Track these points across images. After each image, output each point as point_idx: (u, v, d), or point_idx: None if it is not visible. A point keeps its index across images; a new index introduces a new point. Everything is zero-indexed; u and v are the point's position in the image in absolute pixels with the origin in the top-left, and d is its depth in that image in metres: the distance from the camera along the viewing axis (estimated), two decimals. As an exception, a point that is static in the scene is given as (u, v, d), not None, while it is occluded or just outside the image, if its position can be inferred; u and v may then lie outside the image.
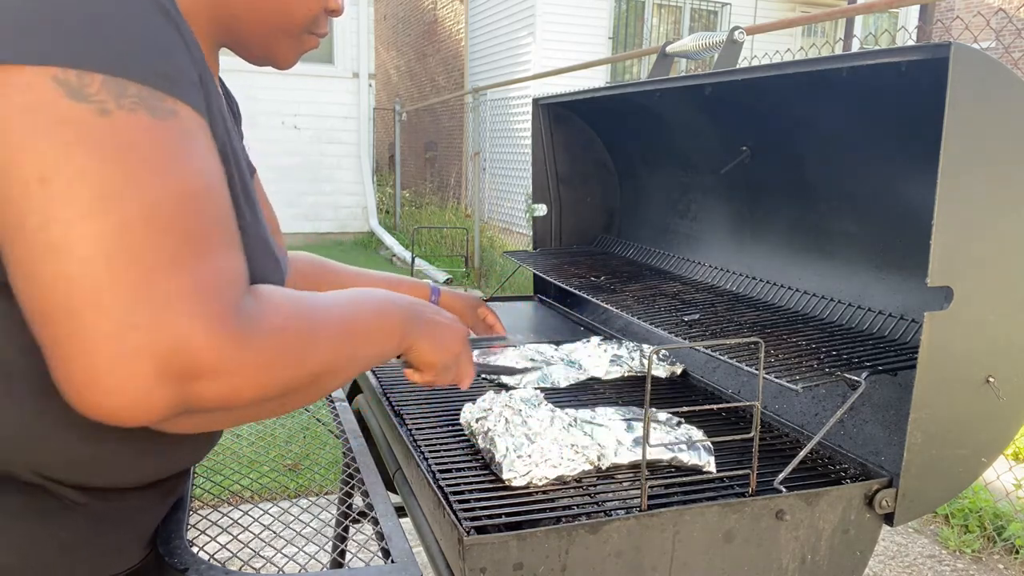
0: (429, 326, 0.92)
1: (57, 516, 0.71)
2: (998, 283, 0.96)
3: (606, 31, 9.65)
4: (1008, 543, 2.75)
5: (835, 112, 1.34)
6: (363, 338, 0.77)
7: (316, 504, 1.32)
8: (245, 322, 0.59)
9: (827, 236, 1.47)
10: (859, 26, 10.24)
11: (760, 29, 3.33)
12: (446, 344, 0.96)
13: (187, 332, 0.55)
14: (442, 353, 0.95)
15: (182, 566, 0.81)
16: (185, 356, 0.55)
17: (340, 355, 0.72)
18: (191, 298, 0.56)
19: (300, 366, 0.66)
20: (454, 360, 0.99)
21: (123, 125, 0.56)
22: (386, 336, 0.83)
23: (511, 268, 5.77)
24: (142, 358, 0.54)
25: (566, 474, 1.03)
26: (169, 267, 0.56)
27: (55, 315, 0.55)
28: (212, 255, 0.59)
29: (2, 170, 0.54)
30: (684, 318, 1.42)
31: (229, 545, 0.96)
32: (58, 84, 0.54)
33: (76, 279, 0.54)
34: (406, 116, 11.36)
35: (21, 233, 0.54)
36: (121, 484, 0.76)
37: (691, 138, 1.81)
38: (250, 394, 0.61)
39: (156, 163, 0.57)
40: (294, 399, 0.71)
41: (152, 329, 0.54)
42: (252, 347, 0.60)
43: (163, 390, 0.56)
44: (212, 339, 0.56)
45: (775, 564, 1.00)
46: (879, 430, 1.19)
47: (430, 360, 0.93)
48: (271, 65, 0.88)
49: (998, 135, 0.90)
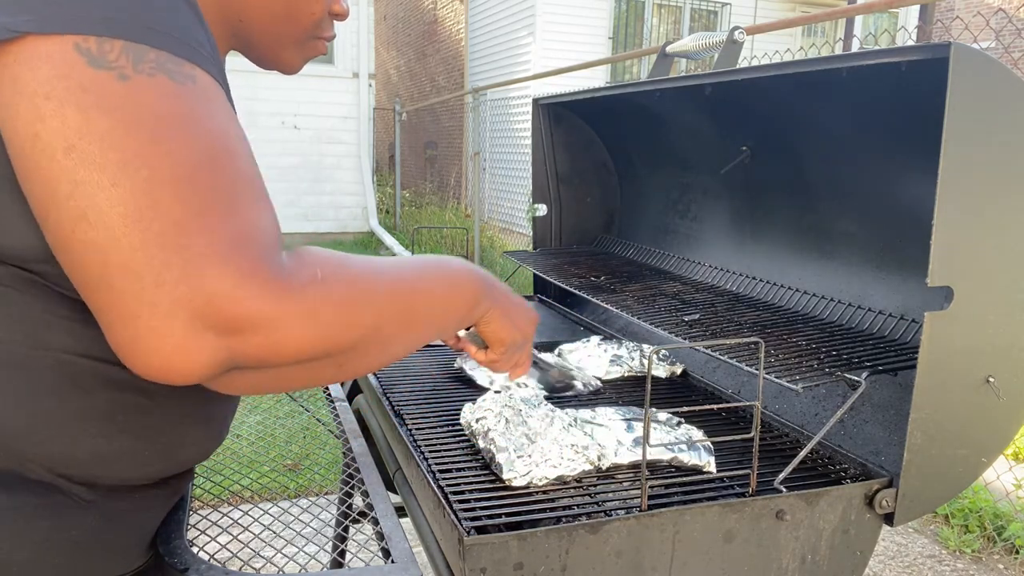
0: (504, 300, 0.89)
1: (70, 514, 0.71)
2: (998, 283, 0.96)
3: (606, 31, 9.65)
4: (1008, 543, 2.75)
5: (835, 112, 1.34)
6: (427, 296, 0.74)
7: (316, 504, 1.32)
8: (281, 273, 0.59)
9: (827, 236, 1.47)
10: (859, 26, 10.24)
11: (760, 29, 3.33)
12: (519, 323, 0.92)
13: (219, 285, 0.55)
14: (514, 331, 0.91)
15: (182, 566, 0.81)
16: (220, 309, 0.55)
17: (399, 311, 0.69)
18: (221, 252, 0.56)
19: (349, 319, 0.64)
20: (524, 341, 0.95)
21: (143, 89, 0.57)
22: (457, 298, 0.80)
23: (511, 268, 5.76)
24: (178, 314, 0.54)
25: (566, 474, 1.03)
26: (197, 224, 0.55)
27: (94, 283, 0.56)
28: (240, 210, 0.59)
29: (31, 141, 0.55)
30: (684, 318, 1.42)
31: (229, 545, 0.96)
32: (79, 52, 0.55)
33: (106, 245, 0.54)
34: (406, 116, 11.36)
35: (53, 203, 0.55)
36: (129, 481, 0.76)
37: (691, 138, 1.81)
38: (294, 348, 0.60)
39: (177, 125, 0.57)
40: (353, 360, 0.68)
41: (184, 285, 0.54)
42: (291, 298, 0.58)
43: (203, 345, 0.56)
44: (245, 290, 0.56)
45: (775, 564, 1.00)
46: (879, 430, 1.19)
47: (502, 336, 0.90)
48: (278, 70, 0.88)
49: (998, 135, 0.90)
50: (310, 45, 0.87)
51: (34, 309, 0.64)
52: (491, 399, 1.17)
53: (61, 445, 0.68)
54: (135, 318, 0.55)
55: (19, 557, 0.68)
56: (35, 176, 0.55)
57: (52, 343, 0.65)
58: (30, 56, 0.55)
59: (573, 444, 1.06)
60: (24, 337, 0.64)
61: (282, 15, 0.82)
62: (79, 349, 0.66)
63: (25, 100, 0.55)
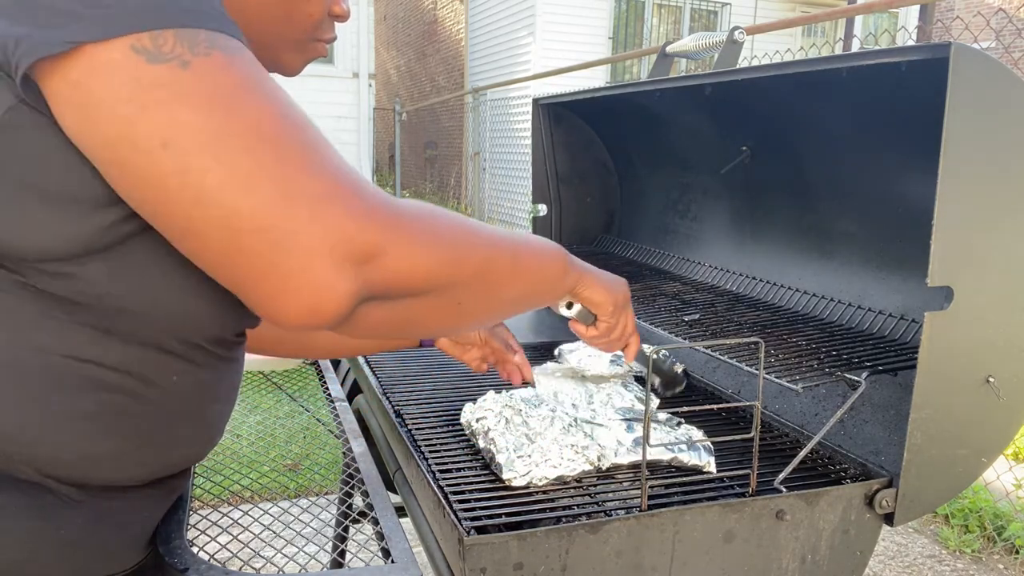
0: (586, 266, 0.92)
1: (58, 514, 0.71)
2: (998, 283, 0.96)
3: (606, 31, 9.65)
4: (1008, 543, 2.75)
5: (835, 112, 1.34)
6: (524, 250, 0.78)
7: (316, 504, 1.32)
8: (393, 203, 0.63)
9: (827, 236, 1.47)
10: (859, 26, 10.25)
11: (760, 29, 3.33)
12: (614, 284, 0.94)
13: (346, 218, 0.58)
14: (614, 291, 0.93)
15: (182, 566, 0.81)
16: (353, 239, 0.59)
17: (504, 254, 0.74)
18: (336, 189, 0.59)
19: (461, 250, 0.68)
20: (625, 303, 0.97)
21: (205, 69, 0.58)
22: (549, 260, 0.83)
23: (511, 268, 5.73)
24: (316, 256, 0.58)
25: (566, 474, 1.03)
26: (304, 171, 0.59)
27: (225, 260, 0.59)
28: (330, 155, 0.62)
29: (125, 147, 0.57)
30: (684, 318, 1.42)
31: (229, 545, 0.96)
32: (137, 52, 0.57)
33: (229, 218, 0.57)
34: (406, 116, 11.36)
35: (166, 199, 0.57)
36: (120, 482, 0.76)
37: (691, 138, 1.81)
38: (422, 270, 0.64)
39: (245, 91, 0.60)
40: (469, 299, 0.72)
41: (314, 227, 0.57)
42: (408, 224, 0.63)
43: (345, 278, 0.59)
44: (370, 219, 0.60)
45: (775, 564, 1.00)
46: (879, 430, 1.19)
47: (601, 297, 0.92)
48: (278, 71, 0.88)
49: (998, 135, 0.90)
50: (310, 47, 0.87)
51: (22, 310, 0.64)
52: (491, 399, 1.17)
53: (48, 446, 0.68)
54: (276, 269, 0.58)
55: (8, 557, 0.68)
56: (137, 180, 0.58)
57: (40, 344, 0.65)
58: (93, 66, 0.56)
59: (573, 444, 1.06)
60: (11, 338, 0.64)
61: (281, 17, 0.81)
62: (67, 350, 0.66)
63: (104, 110, 0.56)
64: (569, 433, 1.09)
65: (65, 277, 0.64)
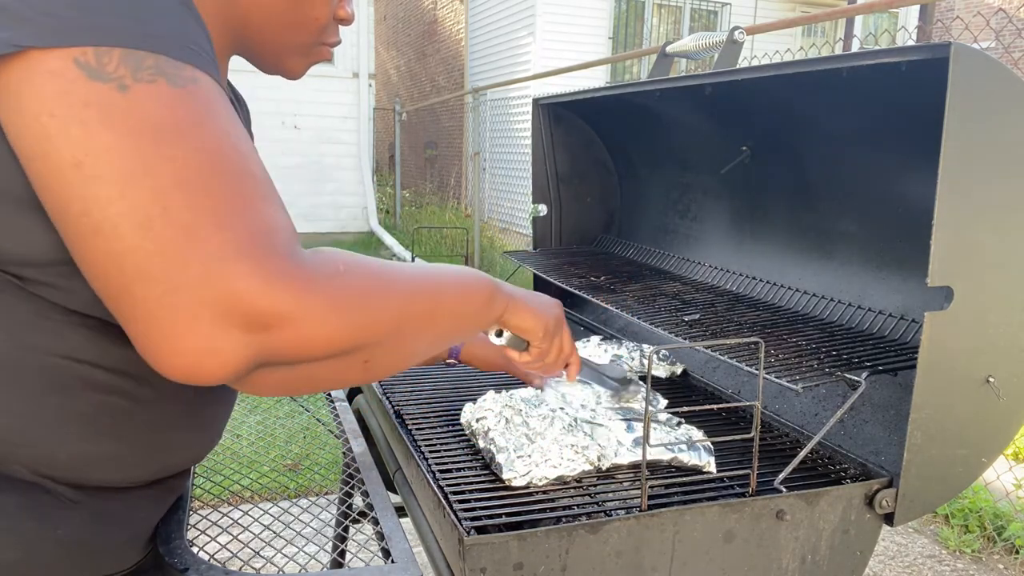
0: (515, 291, 0.89)
1: (55, 514, 0.71)
2: (998, 283, 0.96)
3: (606, 31, 9.64)
4: (1008, 543, 2.75)
5: (835, 112, 1.34)
6: (444, 291, 0.74)
7: (316, 504, 1.32)
8: (302, 266, 0.59)
9: (827, 236, 1.47)
10: (859, 26, 10.24)
11: (760, 29, 3.33)
12: (544, 307, 0.91)
13: (242, 281, 0.55)
14: (544, 316, 0.91)
15: (182, 566, 0.81)
16: (245, 305, 0.55)
17: (421, 305, 0.70)
18: (240, 249, 0.56)
19: (374, 311, 0.64)
20: (557, 326, 0.95)
21: (143, 97, 0.57)
22: (473, 293, 0.80)
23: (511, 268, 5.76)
24: (202, 315, 0.54)
25: (566, 474, 1.03)
26: (211, 224, 0.55)
27: (116, 293, 0.56)
28: (252, 208, 0.59)
29: (41, 160, 0.55)
30: (684, 318, 1.42)
31: (229, 545, 0.96)
32: (79, 66, 0.55)
33: (123, 256, 0.54)
34: (406, 116, 11.36)
35: (68, 220, 0.56)
36: (117, 483, 0.76)
37: (691, 138, 1.81)
38: (324, 340, 0.60)
39: (180, 129, 0.57)
40: (379, 356, 0.68)
41: (204, 284, 0.54)
42: (315, 290, 0.58)
43: (231, 343, 0.56)
44: (270, 285, 0.56)
45: (775, 564, 1.00)
46: (879, 430, 1.19)
47: (531, 323, 0.90)
48: (281, 75, 0.88)
49: (998, 135, 0.90)
50: (315, 51, 0.87)
51: (19, 311, 0.64)
52: (491, 399, 1.17)
53: (44, 447, 0.68)
54: (158, 322, 0.55)
55: (4, 557, 0.68)
56: (48, 194, 0.56)
57: (37, 345, 0.65)
58: (33, 73, 0.55)
59: (573, 444, 1.06)
60: (8, 338, 0.64)
61: (288, 22, 0.81)
62: (64, 351, 0.66)
63: (31, 119, 0.55)
64: (569, 433, 1.09)
65: (51, 283, 0.64)
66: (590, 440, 1.08)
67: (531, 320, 0.90)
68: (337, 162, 9.59)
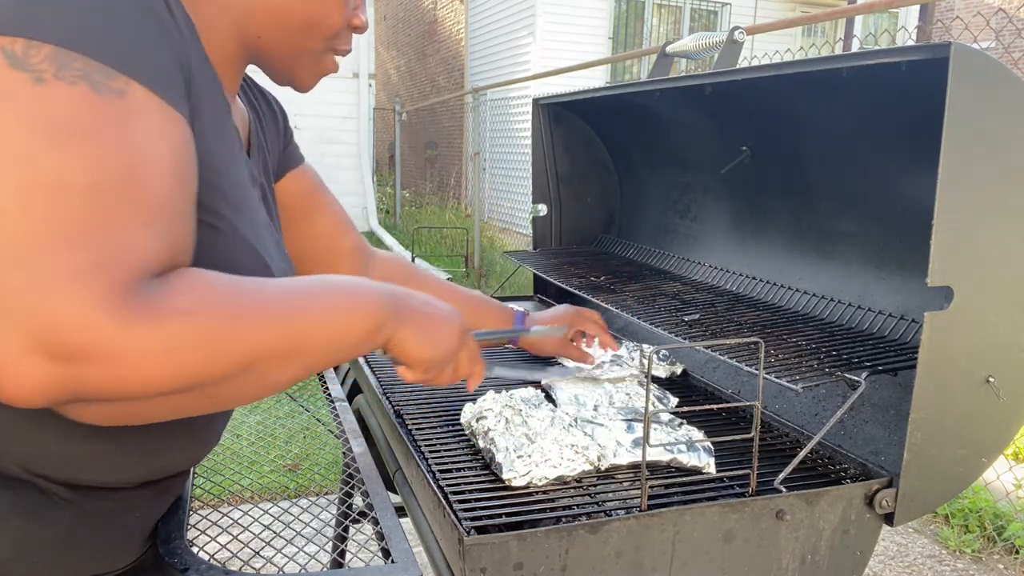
0: (414, 316, 0.82)
1: (47, 512, 0.71)
2: (998, 283, 0.96)
3: (606, 31, 9.64)
4: (1008, 543, 2.75)
5: (835, 112, 1.34)
6: (318, 323, 0.69)
7: (316, 504, 1.31)
8: (139, 302, 0.55)
9: (827, 236, 1.47)
10: (859, 26, 10.24)
11: (760, 29, 3.33)
12: (436, 338, 0.85)
13: (61, 308, 0.52)
14: (432, 348, 0.84)
15: (182, 566, 0.81)
16: (56, 334, 0.52)
17: (283, 341, 0.65)
18: (75, 272, 0.52)
19: (215, 353, 0.59)
20: (449, 356, 0.88)
21: (56, 95, 0.56)
22: (355, 323, 0.73)
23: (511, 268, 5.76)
24: (11, 332, 0.51)
25: (566, 474, 1.03)
26: (56, 240, 0.53)
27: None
28: (116, 233, 0.56)
29: None
30: (684, 318, 1.42)
31: (229, 545, 0.96)
32: (4, 54, 0.56)
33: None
34: (406, 116, 11.36)
35: None
36: (110, 483, 0.76)
37: (691, 138, 1.81)
38: (141, 382, 0.56)
39: (78, 135, 0.56)
40: (225, 391, 0.65)
41: (23, 302, 0.51)
42: (144, 329, 0.55)
43: (36, 370, 0.52)
44: (89, 317, 0.52)
45: (775, 564, 1.00)
46: (879, 430, 1.19)
47: (416, 355, 0.83)
48: (292, 85, 0.88)
49: (998, 135, 0.90)
50: (325, 60, 0.87)
51: None
52: (491, 399, 1.17)
53: (34, 445, 0.68)
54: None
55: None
56: None
57: None
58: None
59: (573, 444, 1.06)
60: None
61: (301, 28, 0.81)
62: None
63: None
64: (569, 433, 1.09)
65: None
66: (590, 440, 1.08)
67: (416, 352, 0.83)
68: (337, 162, 9.60)
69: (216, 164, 0.73)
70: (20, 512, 0.69)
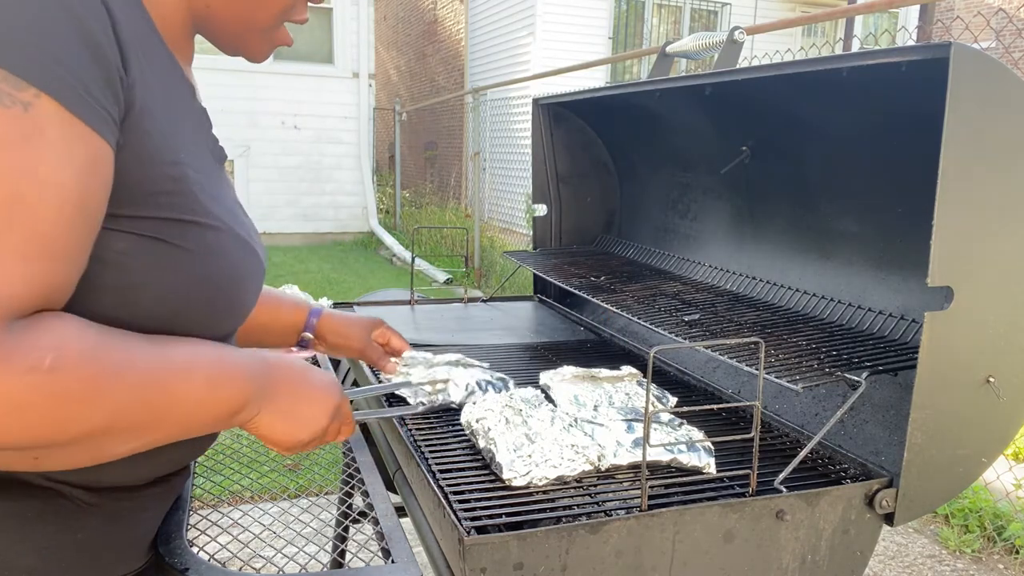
0: (280, 400, 0.79)
1: (74, 517, 0.71)
2: (998, 283, 0.96)
3: (606, 31, 9.64)
4: (1008, 543, 2.75)
5: (835, 112, 1.34)
6: (176, 402, 0.66)
7: (316, 504, 1.31)
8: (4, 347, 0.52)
9: (827, 236, 1.47)
10: (859, 26, 10.24)
11: (760, 29, 3.33)
12: (302, 422, 0.82)
13: None
14: (295, 432, 0.81)
15: (182, 566, 0.81)
16: None
17: (135, 415, 0.62)
18: None
19: (66, 416, 0.56)
20: (314, 437, 0.84)
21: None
22: (217, 402, 0.71)
23: (511, 268, 5.76)
24: None
25: (566, 474, 1.03)
26: None
27: None
28: (9, 268, 0.54)
29: None
30: (684, 318, 1.42)
31: (229, 545, 0.96)
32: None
33: None
34: (406, 116, 11.36)
35: None
36: (124, 482, 0.76)
37: (691, 138, 1.81)
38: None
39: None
40: (52, 456, 0.62)
41: None
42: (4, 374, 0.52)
43: None
44: None
45: (775, 564, 1.00)
46: (879, 430, 1.19)
47: (276, 439, 0.80)
48: (243, 57, 0.84)
49: (998, 135, 0.90)
50: (278, 32, 0.83)
51: None
52: (492, 399, 1.17)
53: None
54: None
55: (24, 563, 0.68)
56: None
57: None
58: None
59: (573, 444, 1.06)
60: None
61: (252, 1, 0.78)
62: None
63: None
64: (569, 433, 1.09)
65: None
66: (590, 440, 1.08)
67: (276, 437, 0.80)
68: (337, 162, 9.60)
69: (183, 158, 0.70)
70: (49, 520, 0.69)
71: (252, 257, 0.79)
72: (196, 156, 0.74)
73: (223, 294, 0.75)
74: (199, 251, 0.70)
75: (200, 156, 0.75)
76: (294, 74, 9.04)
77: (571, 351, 1.69)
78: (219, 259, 0.73)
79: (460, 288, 6.43)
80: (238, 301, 0.78)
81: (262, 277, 0.84)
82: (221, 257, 0.73)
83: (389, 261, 8.49)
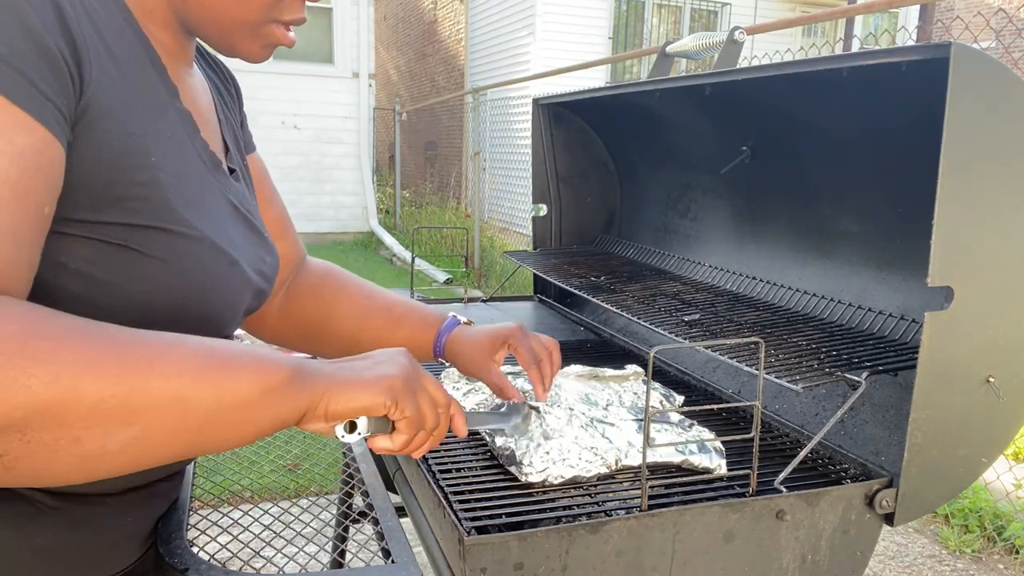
0: (341, 366, 0.72)
1: (31, 522, 0.70)
2: (998, 283, 0.96)
3: (606, 31, 9.65)
4: (1008, 543, 2.75)
5: (835, 112, 1.34)
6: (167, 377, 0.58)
7: (316, 504, 1.32)
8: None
9: (827, 236, 1.47)
10: (859, 26, 10.24)
11: (760, 29, 3.33)
12: (378, 370, 0.72)
13: None
14: (379, 381, 0.71)
15: (182, 566, 0.81)
16: None
17: (111, 386, 0.55)
18: None
19: (23, 384, 0.51)
20: (407, 383, 0.73)
21: None
22: (240, 381, 0.61)
23: (511, 268, 5.76)
24: None
25: (582, 475, 1.03)
26: None
27: None
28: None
29: None
30: (684, 318, 1.42)
31: (229, 545, 0.96)
32: None
33: None
34: (406, 116, 11.36)
35: None
36: (93, 491, 0.74)
37: (691, 138, 1.81)
38: None
39: None
40: (26, 457, 0.54)
41: None
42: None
43: None
44: None
45: (775, 564, 1.00)
46: (879, 430, 1.19)
47: (368, 398, 0.69)
48: (237, 56, 0.81)
49: (998, 135, 0.90)
50: (267, 30, 0.79)
51: None
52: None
53: None
54: None
55: None
56: None
57: None
58: None
59: (593, 447, 1.06)
60: None
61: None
62: None
63: None
64: (587, 433, 1.08)
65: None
66: (608, 444, 1.08)
67: (366, 393, 0.69)
68: (337, 162, 9.60)
69: (153, 161, 0.68)
70: (6, 523, 0.68)
71: (230, 269, 0.75)
72: (173, 160, 0.71)
73: (192, 306, 0.71)
74: (168, 259, 0.67)
75: (178, 160, 0.72)
76: (294, 74, 9.04)
77: (571, 351, 1.69)
78: (189, 269, 0.69)
79: (460, 288, 6.44)
80: (209, 314, 0.74)
81: (244, 290, 0.79)
82: (192, 267, 0.70)
83: (389, 261, 8.49)
